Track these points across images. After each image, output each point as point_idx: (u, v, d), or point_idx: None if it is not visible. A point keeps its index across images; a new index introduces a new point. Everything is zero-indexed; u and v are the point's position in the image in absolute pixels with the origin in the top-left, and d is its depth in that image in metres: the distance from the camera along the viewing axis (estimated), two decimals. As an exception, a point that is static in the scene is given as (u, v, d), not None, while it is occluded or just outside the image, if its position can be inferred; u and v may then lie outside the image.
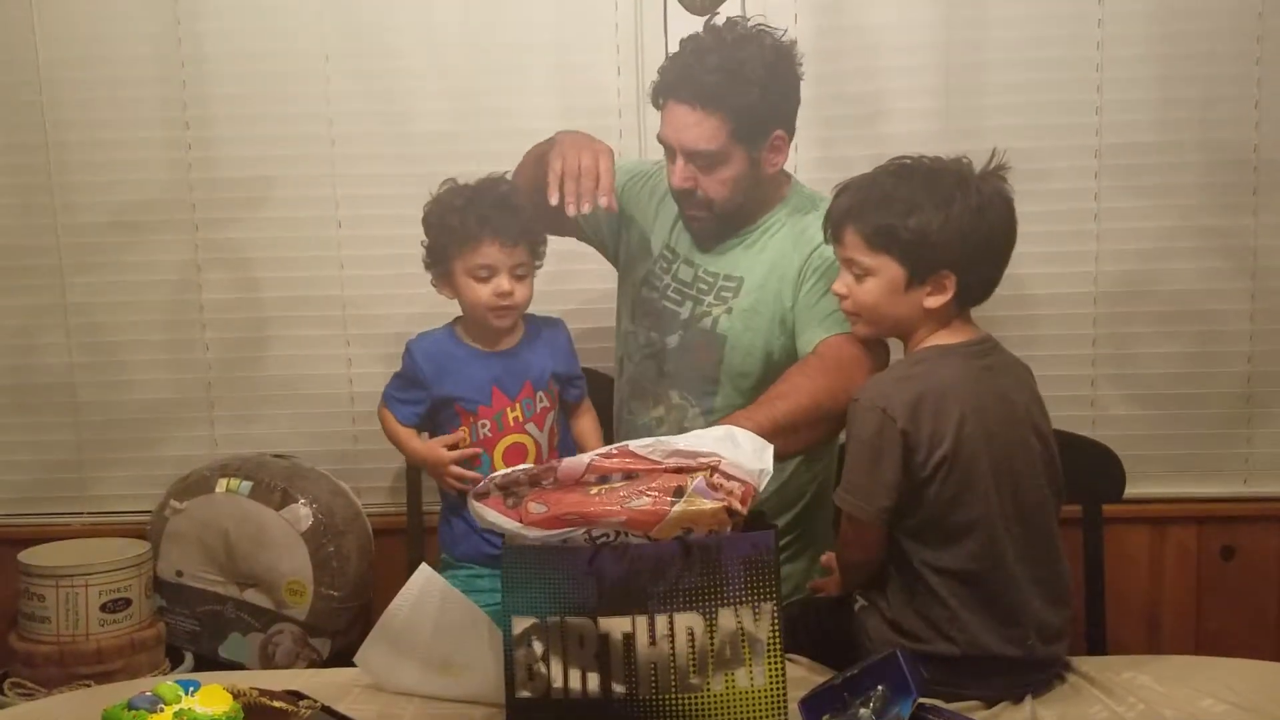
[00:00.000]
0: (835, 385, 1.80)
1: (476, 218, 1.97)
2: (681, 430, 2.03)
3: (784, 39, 1.99)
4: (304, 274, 2.64)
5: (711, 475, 1.46)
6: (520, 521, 1.45)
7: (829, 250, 1.86)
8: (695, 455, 1.50)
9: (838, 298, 1.79)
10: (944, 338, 1.72)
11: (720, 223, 2.05)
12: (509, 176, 2.10)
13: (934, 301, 1.69)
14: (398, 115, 2.58)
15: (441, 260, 2.03)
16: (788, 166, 2.12)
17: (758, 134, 1.97)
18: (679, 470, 1.47)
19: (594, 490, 1.47)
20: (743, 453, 1.51)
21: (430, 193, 2.08)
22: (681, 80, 1.94)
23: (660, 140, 2.01)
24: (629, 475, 1.48)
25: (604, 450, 1.53)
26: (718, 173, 1.98)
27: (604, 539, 1.45)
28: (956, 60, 2.50)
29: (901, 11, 2.51)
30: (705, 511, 1.43)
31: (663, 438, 1.54)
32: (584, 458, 1.51)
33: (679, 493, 1.43)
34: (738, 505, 1.44)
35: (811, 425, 1.83)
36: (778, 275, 2.02)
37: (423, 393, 2.07)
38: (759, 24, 1.99)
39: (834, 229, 1.74)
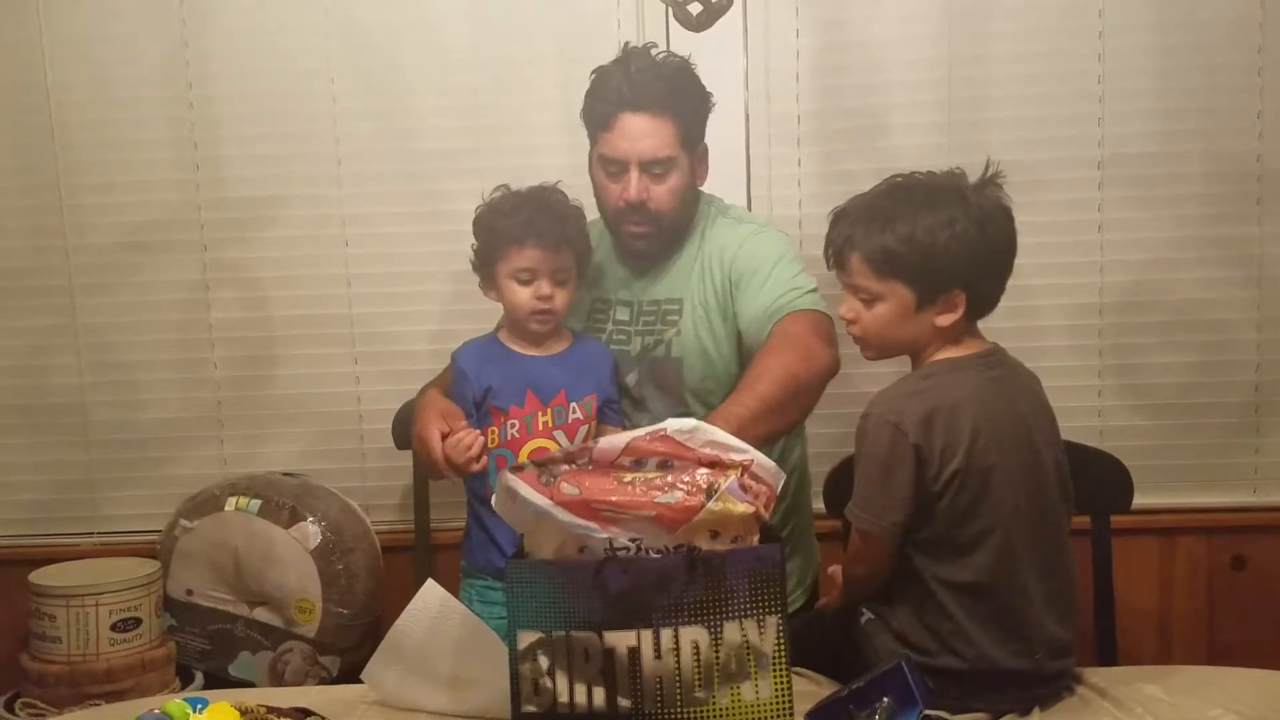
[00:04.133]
0: (801, 357, 1.90)
1: (521, 222, 2.00)
2: None
3: (687, 58, 2.09)
4: (312, 293, 2.65)
5: (743, 475, 1.46)
6: (551, 499, 1.44)
7: (742, 253, 2.04)
8: (728, 448, 1.49)
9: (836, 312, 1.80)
10: (952, 351, 1.71)
11: (662, 239, 2.09)
12: (560, 185, 2.11)
13: (945, 320, 1.68)
14: (403, 133, 2.60)
15: (488, 263, 2.05)
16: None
17: (695, 142, 2.08)
18: (713, 464, 1.47)
19: (627, 478, 1.46)
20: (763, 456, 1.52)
21: (483, 197, 2.11)
22: (636, 92, 2.01)
23: (605, 158, 2.05)
24: (664, 463, 1.47)
25: (642, 432, 1.51)
26: (668, 182, 2.04)
27: (624, 551, 1.44)
28: (958, 74, 2.51)
29: (903, 26, 2.52)
30: (735, 515, 1.43)
31: (702, 424, 1.52)
32: (621, 438, 1.50)
33: (711, 491, 1.43)
34: (764, 511, 1.45)
35: (792, 400, 1.91)
36: (711, 290, 2.08)
37: (465, 402, 2.04)
38: (660, 50, 2.08)
39: (836, 256, 1.73)
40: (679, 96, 2.03)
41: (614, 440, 1.51)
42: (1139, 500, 2.13)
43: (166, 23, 2.58)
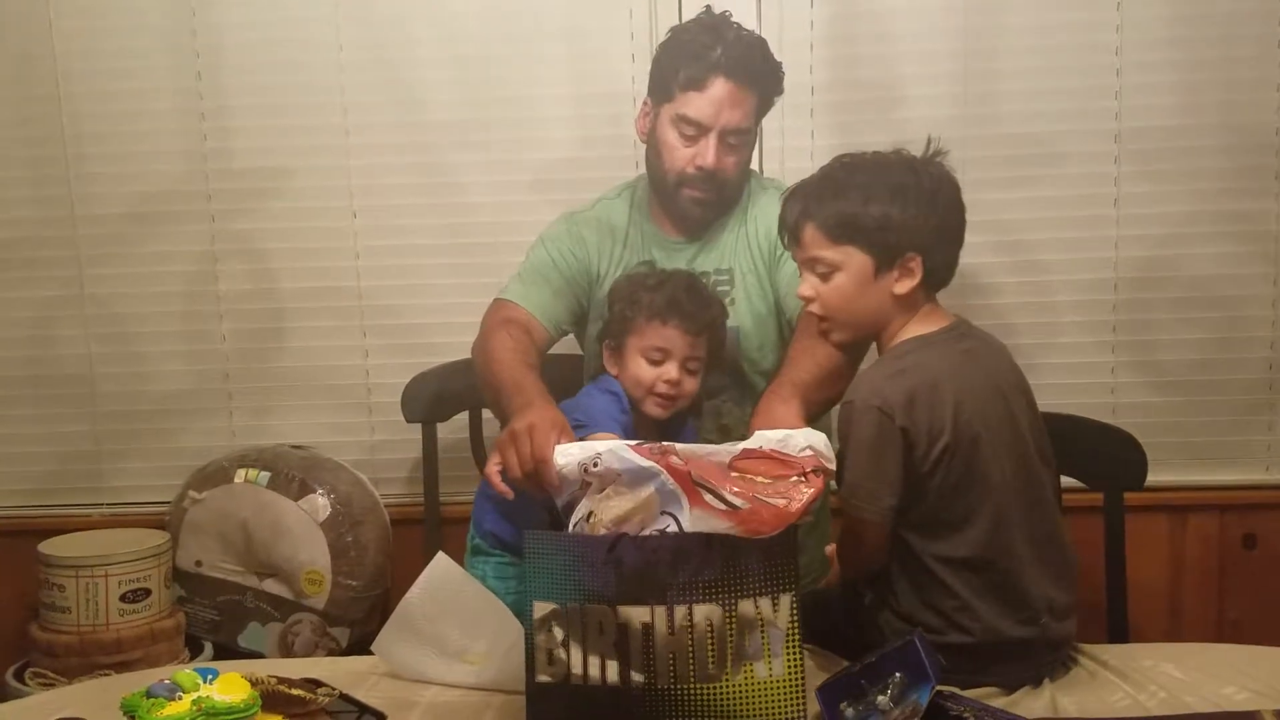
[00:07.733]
0: None
1: (665, 298, 1.90)
2: (720, 425, 2.08)
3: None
4: (320, 264, 2.64)
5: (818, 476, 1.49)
6: (659, 465, 1.44)
7: None
8: (820, 455, 1.50)
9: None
10: (919, 328, 1.70)
11: (717, 208, 2.09)
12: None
13: (903, 286, 1.67)
14: (412, 105, 2.58)
15: (619, 334, 1.94)
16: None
17: (762, 117, 2.09)
18: (815, 470, 1.47)
19: (734, 474, 1.46)
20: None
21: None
22: (732, 59, 1.99)
23: (686, 119, 2.01)
24: (771, 477, 1.47)
25: (739, 448, 1.51)
26: (740, 153, 2.05)
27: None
28: (974, 45, 2.49)
29: (917, -4, 2.49)
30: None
31: (791, 432, 1.53)
32: (724, 450, 1.51)
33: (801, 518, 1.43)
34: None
35: (832, 380, 1.87)
36: (759, 258, 2.08)
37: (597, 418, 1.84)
38: (738, 25, 2.05)
39: (791, 232, 1.73)
40: (763, 72, 2.04)
41: (718, 450, 1.50)
42: (1151, 477, 2.12)
43: (174, -8, 2.56)
